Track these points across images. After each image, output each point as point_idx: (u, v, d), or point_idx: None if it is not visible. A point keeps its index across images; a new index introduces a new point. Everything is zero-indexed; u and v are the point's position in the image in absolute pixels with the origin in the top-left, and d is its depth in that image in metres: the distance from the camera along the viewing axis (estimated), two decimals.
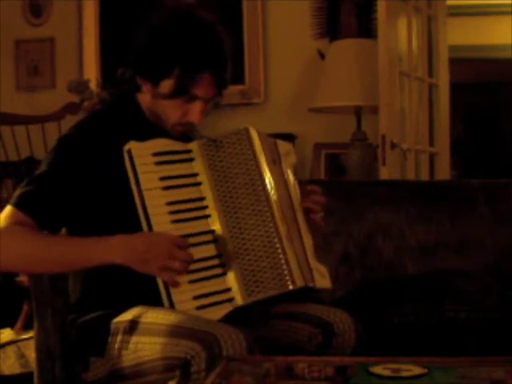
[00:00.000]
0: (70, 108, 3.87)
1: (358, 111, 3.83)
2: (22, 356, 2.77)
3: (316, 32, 4.15)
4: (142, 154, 1.72)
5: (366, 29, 4.04)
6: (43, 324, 1.80)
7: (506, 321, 2.40)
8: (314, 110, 3.89)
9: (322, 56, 4.03)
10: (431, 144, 3.93)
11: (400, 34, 3.62)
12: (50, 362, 1.79)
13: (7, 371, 2.71)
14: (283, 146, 1.95)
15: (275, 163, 1.86)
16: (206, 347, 1.54)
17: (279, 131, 3.56)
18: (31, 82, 4.48)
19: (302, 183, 1.96)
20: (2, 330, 3.03)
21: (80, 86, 3.94)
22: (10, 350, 2.81)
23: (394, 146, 3.42)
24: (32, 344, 1.91)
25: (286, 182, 1.88)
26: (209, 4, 1.97)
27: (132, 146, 1.72)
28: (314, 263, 1.84)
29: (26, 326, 3.14)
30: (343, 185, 3.02)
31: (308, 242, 1.87)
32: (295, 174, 1.94)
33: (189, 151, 1.80)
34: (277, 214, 1.75)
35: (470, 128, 7.00)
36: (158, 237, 1.69)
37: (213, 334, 1.56)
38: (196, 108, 1.80)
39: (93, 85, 4.04)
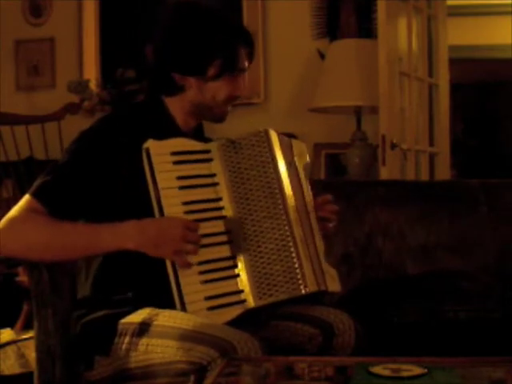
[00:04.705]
0: (70, 108, 3.87)
1: (358, 111, 3.83)
2: (22, 356, 2.76)
3: (316, 32, 4.15)
4: (160, 153, 1.72)
5: (366, 29, 4.04)
6: (43, 324, 1.80)
7: (506, 321, 2.40)
8: (314, 109, 3.88)
9: (322, 56, 4.03)
10: (431, 144, 3.93)
11: (400, 34, 3.62)
12: (50, 361, 1.79)
13: (7, 371, 2.70)
14: (298, 146, 1.95)
15: (291, 165, 1.87)
16: (223, 353, 1.54)
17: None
18: (31, 82, 4.48)
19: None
20: (2, 330, 3.02)
21: (80, 86, 3.94)
22: (10, 350, 2.80)
23: (393, 146, 3.42)
24: (32, 344, 1.90)
25: (300, 185, 1.88)
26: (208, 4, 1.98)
27: (150, 144, 1.71)
28: (325, 266, 1.85)
29: (26, 326, 3.14)
30: (343, 185, 3.02)
31: (320, 244, 1.87)
32: (308, 174, 1.95)
33: (208, 151, 1.80)
34: (293, 218, 1.75)
35: (470, 128, 7.01)
36: (170, 221, 1.69)
37: (229, 340, 1.57)
38: (242, 80, 1.89)
39: (93, 85, 4.04)
